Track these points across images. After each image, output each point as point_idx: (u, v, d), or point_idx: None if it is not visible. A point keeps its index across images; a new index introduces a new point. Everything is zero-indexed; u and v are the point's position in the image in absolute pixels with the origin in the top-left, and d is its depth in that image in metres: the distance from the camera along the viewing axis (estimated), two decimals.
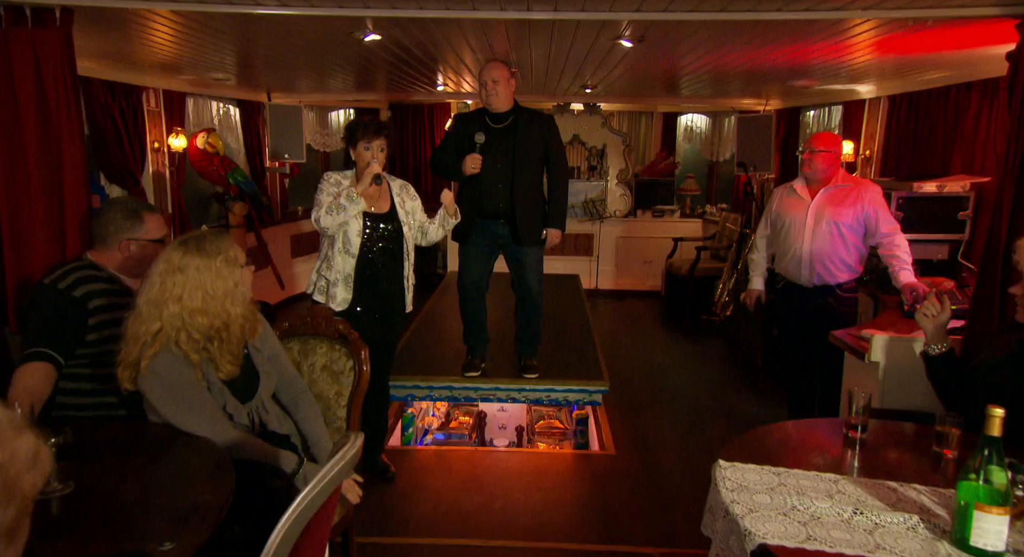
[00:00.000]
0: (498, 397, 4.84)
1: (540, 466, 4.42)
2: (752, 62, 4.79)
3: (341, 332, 2.94)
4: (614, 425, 5.12)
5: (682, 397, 5.73)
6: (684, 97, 8.07)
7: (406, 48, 4.28)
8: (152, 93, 6.11)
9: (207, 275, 2.33)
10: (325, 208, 3.44)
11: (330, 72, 6.02)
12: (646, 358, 6.78)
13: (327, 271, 3.60)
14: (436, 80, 6.19)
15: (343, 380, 2.91)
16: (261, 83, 7.04)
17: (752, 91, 7.31)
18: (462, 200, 4.26)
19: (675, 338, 7.54)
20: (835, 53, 4.24)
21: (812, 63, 4.79)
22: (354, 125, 3.61)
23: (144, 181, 6.06)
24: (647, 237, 9.06)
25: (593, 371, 4.90)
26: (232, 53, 4.76)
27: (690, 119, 9.68)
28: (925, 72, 5.01)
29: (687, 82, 6.58)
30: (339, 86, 7.19)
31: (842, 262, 4.04)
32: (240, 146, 7.60)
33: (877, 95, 5.88)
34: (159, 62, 5.24)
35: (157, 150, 6.16)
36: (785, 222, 4.19)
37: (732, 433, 4.91)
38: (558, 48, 4.11)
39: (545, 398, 4.87)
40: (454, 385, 4.76)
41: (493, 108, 4.11)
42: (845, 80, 5.57)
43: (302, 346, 2.97)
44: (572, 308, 6.45)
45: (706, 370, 6.45)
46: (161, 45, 4.42)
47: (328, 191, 3.52)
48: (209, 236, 2.40)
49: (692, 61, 4.75)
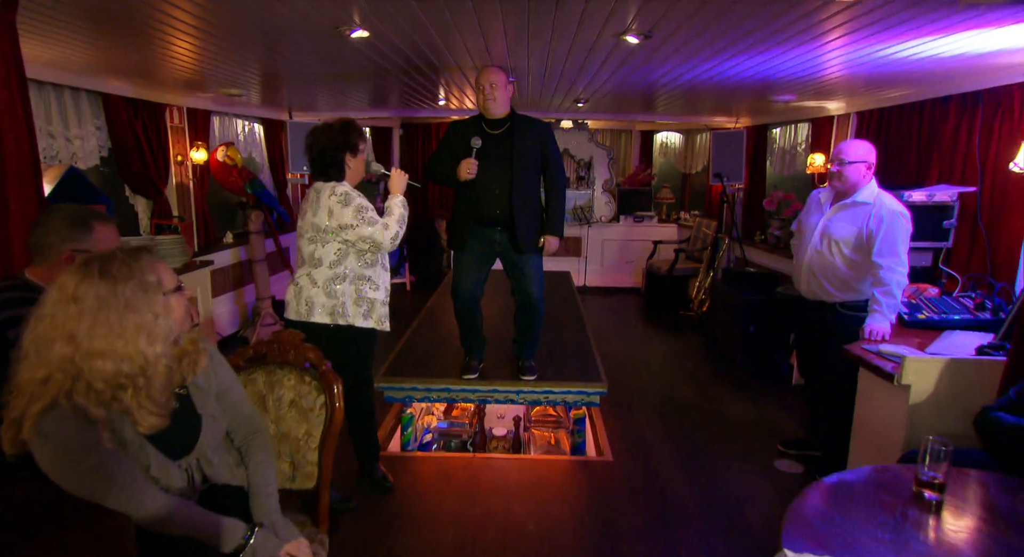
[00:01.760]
0: (496, 399, 3.92)
1: (539, 477, 3.50)
2: (745, 74, 3.84)
3: (312, 361, 2.02)
4: (608, 424, 4.22)
5: (670, 394, 4.82)
6: (660, 114, 7.15)
7: (401, 52, 3.33)
8: (176, 110, 5.18)
9: (112, 307, 1.43)
10: (396, 220, 2.67)
11: (342, 86, 5.09)
12: (633, 353, 5.87)
13: (373, 291, 2.76)
14: (437, 93, 5.23)
15: (313, 418, 1.99)
16: (283, 102, 6.12)
17: (724, 109, 6.40)
18: (458, 206, 3.35)
19: (657, 333, 6.64)
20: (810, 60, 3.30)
21: (790, 78, 3.86)
22: (350, 128, 2.67)
23: (168, 192, 5.13)
24: (629, 240, 8.27)
25: (591, 372, 3.96)
26: (245, 64, 3.82)
27: (665, 136, 8.89)
28: (894, 89, 4.08)
29: (663, 100, 5.65)
30: (355, 103, 6.26)
31: (839, 281, 3.10)
32: (264, 160, 6.70)
33: (847, 111, 4.92)
34: (182, 79, 4.32)
35: (180, 163, 5.23)
36: (802, 228, 3.28)
37: (723, 434, 4.04)
38: (558, 49, 3.16)
39: (543, 399, 3.94)
40: (452, 387, 3.83)
41: (491, 113, 3.23)
42: (818, 96, 4.62)
43: (268, 377, 2.05)
44: (567, 306, 5.51)
45: (689, 365, 5.54)
46: (181, 59, 3.53)
47: (370, 205, 2.66)
48: (120, 256, 1.48)
49: (686, 70, 3.80)
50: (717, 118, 7.11)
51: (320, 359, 2.01)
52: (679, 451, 3.78)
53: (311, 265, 2.70)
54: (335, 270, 2.68)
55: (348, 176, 2.69)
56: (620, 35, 2.76)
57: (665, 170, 9.03)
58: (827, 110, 5.10)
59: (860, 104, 4.68)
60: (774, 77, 3.86)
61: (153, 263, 1.52)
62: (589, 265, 8.31)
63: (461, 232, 3.32)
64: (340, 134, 2.64)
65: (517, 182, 3.24)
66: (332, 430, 1.95)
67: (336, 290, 2.69)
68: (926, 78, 3.63)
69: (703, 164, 8.20)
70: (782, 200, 5.82)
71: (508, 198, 3.27)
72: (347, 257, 2.67)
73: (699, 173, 8.41)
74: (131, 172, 4.72)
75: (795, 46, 2.91)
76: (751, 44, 2.93)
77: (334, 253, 2.66)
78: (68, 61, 3.61)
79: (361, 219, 2.58)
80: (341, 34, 2.76)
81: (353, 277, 2.70)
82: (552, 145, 3.40)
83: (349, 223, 2.58)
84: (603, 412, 4.36)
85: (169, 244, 4.59)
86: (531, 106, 6.64)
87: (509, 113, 3.28)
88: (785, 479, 3.44)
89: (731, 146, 6.73)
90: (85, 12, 2.52)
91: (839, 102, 4.78)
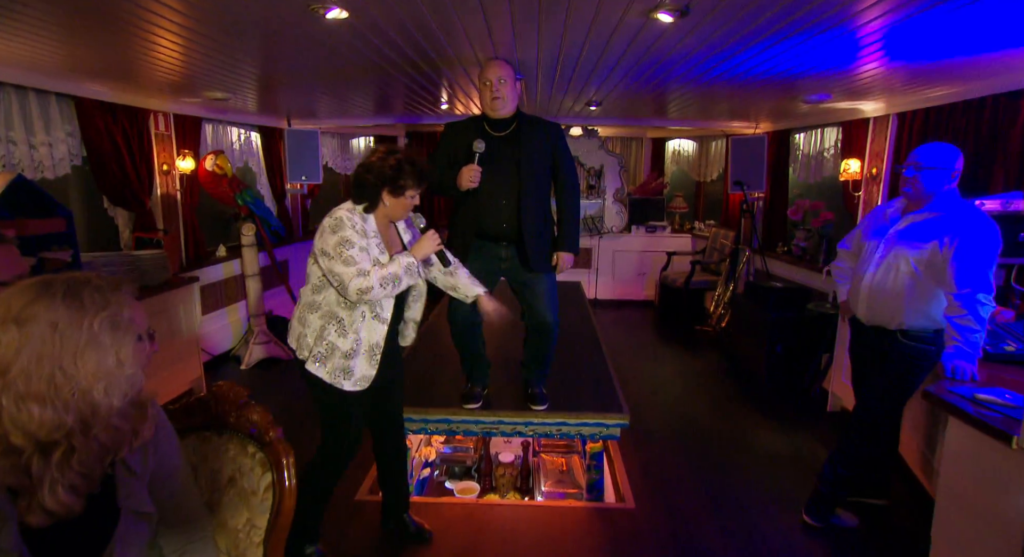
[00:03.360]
0: (502, 431, 3.34)
1: (552, 528, 2.92)
2: (779, 70, 3.29)
3: (257, 426, 1.48)
4: (628, 460, 3.65)
5: (691, 420, 4.23)
6: (673, 120, 6.59)
7: (389, 38, 2.81)
8: (161, 117, 4.68)
9: (69, 340, 1.06)
10: (382, 278, 2.08)
11: (341, 91, 4.58)
12: (647, 371, 5.30)
13: (339, 337, 2.16)
14: (439, 96, 4.69)
15: (255, 503, 1.44)
16: (281, 108, 5.62)
17: (742, 113, 5.85)
18: (457, 219, 2.80)
19: (673, 349, 6.05)
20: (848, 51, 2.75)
21: (827, 74, 3.31)
22: (405, 167, 2.14)
23: (152, 203, 4.63)
24: (641, 251, 7.69)
25: (610, 401, 3.35)
26: (228, 63, 3.33)
27: (678, 144, 8.34)
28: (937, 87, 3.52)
29: (677, 104, 5.11)
30: (358, 110, 5.74)
31: (907, 305, 2.52)
32: (261, 169, 6.19)
33: (885, 112, 4.34)
34: (164, 82, 3.82)
35: (166, 173, 4.73)
36: (864, 244, 2.73)
37: (756, 472, 3.42)
38: (574, 31, 2.63)
39: (555, 432, 3.36)
40: (452, 418, 3.27)
41: (496, 112, 2.69)
42: (853, 96, 4.05)
43: (200, 445, 1.50)
44: (580, 323, 4.89)
45: (710, 387, 4.95)
46: (161, 58, 3.06)
47: (359, 244, 2.10)
48: (97, 282, 1.13)
49: (716, 64, 3.25)
50: (735, 123, 6.55)
51: (267, 423, 1.47)
52: (708, 494, 3.21)
53: (306, 281, 2.29)
54: (314, 296, 2.22)
55: (380, 211, 2.20)
56: (651, 12, 2.21)
57: (677, 178, 8.50)
58: (861, 112, 4.53)
59: (901, 104, 4.11)
60: (810, 73, 3.32)
61: (131, 300, 1.16)
62: (600, 277, 7.75)
63: (461, 248, 2.79)
64: (392, 168, 2.14)
65: (526, 191, 2.71)
66: (281, 521, 1.40)
67: (307, 318, 2.23)
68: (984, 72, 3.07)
69: (718, 172, 7.65)
70: (808, 209, 5.25)
71: (516, 209, 2.74)
72: (328, 287, 2.19)
73: (714, 181, 7.86)
74: (110, 182, 4.22)
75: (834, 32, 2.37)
76: (795, 30, 2.41)
77: (318, 277, 2.20)
78: (34, 61, 3.13)
79: (339, 254, 2.08)
80: (315, 14, 2.23)
81: (326, 312, 2.19)
82: (564, 148, 2.86)
83: (328, 252, 2.11)
84: (621, 446, 3.79)
85: (150, 259, 4.10)
86: (538, 110, 6.10)
87: (515, 113, 2.76)
88: (838, 534, 2.86)
89: (751, 153, 6.16)
90: (51, 5, 2.11)
91: (876, 102, 4.22)
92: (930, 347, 2.55)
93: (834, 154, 5.23)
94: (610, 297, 7.74)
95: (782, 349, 4.82)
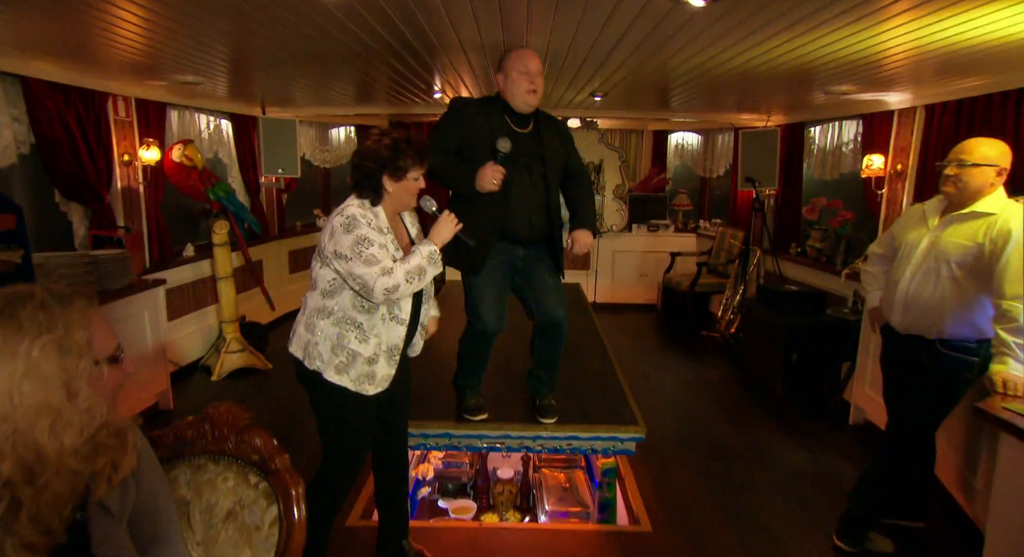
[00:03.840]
0: (508, 446, 3.27)
1: (561, 553, 2.88)
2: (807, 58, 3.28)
3: (260, 452, 1.41)
4: (639, 476, 3.62)
5: (705, 435, 4.23)
6: (676, 111, 6.59)
7: (389, 21, 2.74)
8: (122, 101, 4.55)
9: (3, 368, 0.95)
10: (407, 272, 2.10)
11: (321, 76, 4.48)
12: (653, 381, 5.28)
13: (360, 344, 2.18)
14: (432, 83, 4.62)
15: (258, 540, 1.37)
16: (255, 94, 5.50)
17: (752, 105, 5.85)
18: (471, 219, 2.70)
19: (679, 356, 6.05)
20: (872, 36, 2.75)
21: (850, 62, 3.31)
22: (403, 146, 2.11)
23: (112, 197, 4.50)
24: (643, 251, 7.70)
25: (622, 412, 3.28)
26: (203, 42, 3.22)
27: (681, 137, 8.35)
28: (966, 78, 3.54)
29: (681, 95, 5.09)
30: (338, 98, 5.64)
31: (948, 312, 2.52)
32: (233, 161, 6.07)
33: (912, 104, 4.37)
34: (127, 62, 3.69)
35: (128, 164, 4.60)
36: (900, 247, 2.72)
37: (779, 492, 3.41)
38: (592, 16, 2.58)
39: (566, 447, 3.29)
40: (453, 432, 3.19)
41: (529, 107, 2.61)
42: (878, 86, 4.06)
43: (194, 476, 1.43)
44: (584, 328, 4.80)
45: (722, 398, 4.95)
46: (123, 35, 2.94)
47: (378, 241, 2.10)
48: (42, 296, 1.02)
49: (741, 51, 3.23)
50: (744, 116, 6.57)
51: (272, 449, 1.40)
52: (730, 517, 3.19)
53: (312, 286, 2.25)
54: (325, 301, 2.18)
55: (386, 201, 2.19)
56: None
57: (681, 174, 8.51)
58: (885, 104, 4.56)
59: (929, 95, 4.13)
60: (835, 61, 3.31)
61: (88, 315, 1.05)
62: (599, 279, 7.74)
63: (482, 254, 2.72)
64: (388, 149, 2.12)
65: (552, 194, 2.74)
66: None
67: (316, 325, 2.18)
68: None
69: (725, 167, 7.68)
70: (825, 208, 5.27)
71: (546, 210, 2.73)
72: (341, 291, 2.17)
73: (720, 177, 7.88)
74: (62, 174, 4.08)
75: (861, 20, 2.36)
76: (828, 18, 2.40)
77: (328, 281, 2.17)
78: None
79: (357, 254, 2.06)
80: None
81: (340, 317, 2.17)
82: (573, 143, 2.90)
83: (344, 253, 2.08)
84: (632, 464, 3.76)
85: (110, 260, 3.98)
86: (538, 101, 6.05)
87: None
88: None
89: (762, 147, 6.18)
90: None
91: (902, 93, 4.24)
92: (973, 358, 2.54)
93: (853, 149, 5.26)
94: (609, 300, 7.73)
95: (798, 358, 4.83)
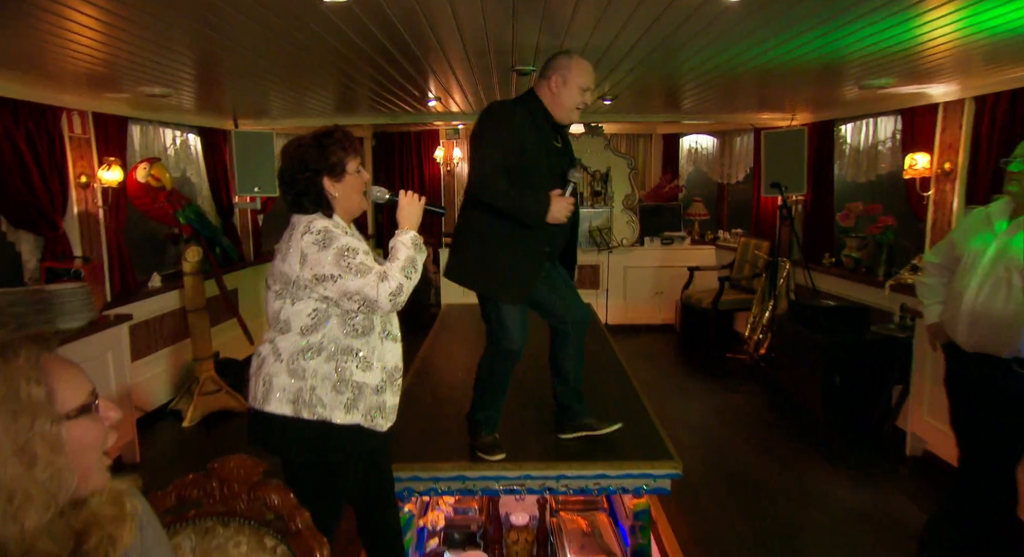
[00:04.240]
0: (529, 488, 3.11)
1: None
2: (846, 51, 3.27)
3: (278, 511, 1.30)
4: (675, 521, 3.50)
5: (741, 470, 4.12)
6: (688, 112, 6.60)
7: (388, 24, 2.68)
8: (78, 116, 4.45)
9: None
10: (402, 267, 2.04)
11: (300, 84, 4.42)
12: (680, 412, 5.17)
13: (363, 372, 2.12)
14: (428, 88, 4.56)
15: None
16: (225, 106, 5.44)
17: (774, 103, 5.85)
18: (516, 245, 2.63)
19: (704, 382, 5.97)
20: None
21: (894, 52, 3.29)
22: (326, 141, 2.07)
23: (68, 224, 4.37)
24: (657, 267, 7.65)
25: (654, 445, 3.10)
26: (171, 48, 3.14)
27: (695, 140, 8.38)
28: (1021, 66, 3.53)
29: (694, 95, 5.08)
30: (317, 107, 5.59)
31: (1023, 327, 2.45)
32: (202, 179, 5.99)
33: (959, 97, 4.35)
34: (83, 73, 3.61)
35: (85, 186, 4.49)
36: (962, 255, 2.65)
37: (832, 536, 3.29)
38: (614, 12, 2.55)
39: (593, 487, 3.13)
40: (468, 474, 3.03)
41: (569, 121, 2.65)
42: (920, 78, 4.05)
43: (200, 541, 1.30)
44: (600, 350, 4.66)
45: (756, 427, 4.85)
46: (78, 41, 2.84)
47: (361, 247, 2.07)
48: None
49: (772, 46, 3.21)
50: (764, 115, 6.57)
51: (292, 508, 1.29)
52: None
53: (277, 329, 2.11)
54: (308, 338, 2.06)
55: (337, 208, 2.12)
56: None
57: (695, 180, 8.52)
58: (928, 97, 4.54)
59: (979, 86, 4.11)
60: (873, 52, 3.30)
61: (44, 363, 0.96)
62: (610, 298, 7.66)
63: (533, 278, 2.69)
64: (313, 149, 2.07)
65: (576, 208, 2.72)
66: None
67: (305, 368, 2.06)
68: None
69: (745, 172, 7.66)
70: (863, 213, 5.25)
71: (571, 225, 2.74)
72: (326, 321, 2.07)
73: (740, 183, 7.87)
74: (10, 199, 3.93)
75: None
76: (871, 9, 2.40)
77: (308, 315, 2.06)
78: None
79: (346, 267, 1.99)
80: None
81: (334, 351, 2.08)
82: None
83: (328, 273, 1.99)
84: (663, 505, 3.64)
85: (69, 296, 3.84)
86: None
87: None
88: None
89: (787, 149, 6.15)
90: None
91: (947, 85, 4.23)
92: None
93: (891, 147, 5.24)
94: (622, 321, 7.64)
95: (841, 380, 4.76)
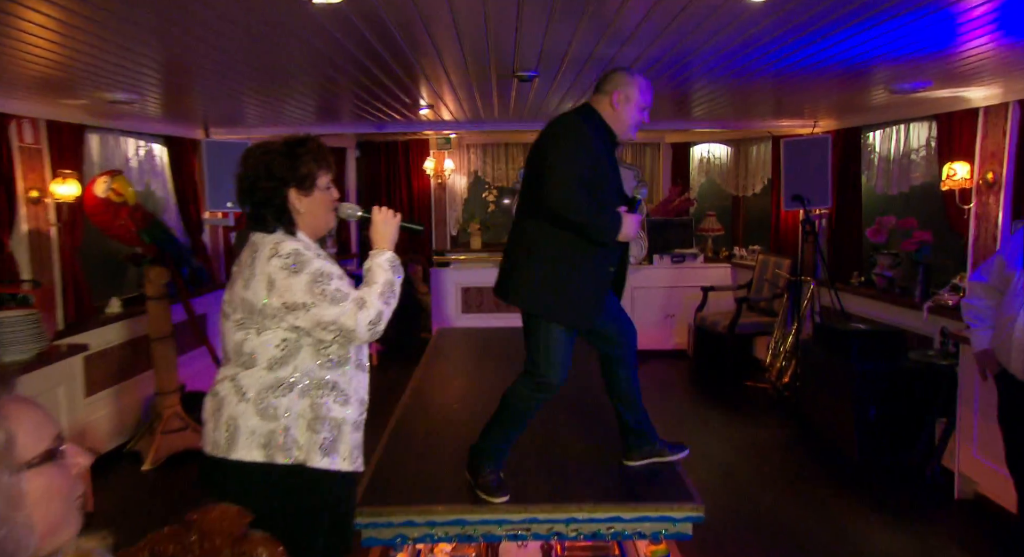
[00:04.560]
0: (535, 533, 2.95)
1: None
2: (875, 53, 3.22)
3: None
4: None
5: (770, 514, 4.02)
6: (698, 119, 6.55)
7: (381, 26, 2.58)
8: (28, 124, 4.34)
9: None
10: (379, 292, 2.02)
11: (278, 90, 4.32)
12: (697, 447, 4.97)
13: (342, 407, 2.08)
14: (419, 95, 4.45)
15: None
16: (195, 113, 5.34)
17: (793, 109, 5.80)
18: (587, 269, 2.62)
19: (722, 414, 5.86)
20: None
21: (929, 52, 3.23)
22: (298, 149, 2.02)
23: (15, 244, 4.23)
24: (667, 287, 7.60)
25: (674, 486, 2.97)
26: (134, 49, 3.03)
27: (706, 149, 8.36)
28: None
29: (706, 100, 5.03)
30: (297, 115, 5.51)
31: None
32: (170, 194, 5.90)
33: (1002, 100, 4.27)
34: (36, 77, 3.49)
35: (36, 201, 4.37)
36: (1011, 275, 2.61)
37: None
38: (630, 12, 2.51)
39: (606, 531, 2.96)
40: (468, 518, 2.86)
41: (625, 140, 2.77)
42: (958, 81, 3.97)
43: None
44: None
45: (782, 464, 4.75)
46: (36, 43, 2.75)
47: (336, 271, 2.02)
48: None
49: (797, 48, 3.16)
50: (783, 122, 6.50)
51: None
52: None
53: (239, 363, 2.02)
54: (277, 373, 2.00)
55: (302, 224, 2.05)
56: None
57: (708, 192, 8.51)
58: (966, 101, 4.45)
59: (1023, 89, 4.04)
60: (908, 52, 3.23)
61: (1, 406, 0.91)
62: None
63: (600, 300, 2.72)
64: (282, 157, 2.00)
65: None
66: None
67: (277, 406, 1.99)
68: None
69: (762, 183, 7.60)
70: (896, 228, 5.16)
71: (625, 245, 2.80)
72: (297, 353, 2.01)
73: (757, 195, 7.81)
74: None
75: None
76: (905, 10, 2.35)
77: (276, 346, 1.99)
78: None
79: (320, 294, 1.93)
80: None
81: (308, 385, 2.02)
82: None
83: (300, 301, 1.93)
84: (682, 545, 3.48)
85: (16, 324, 3.77)
86: (531, 115, 5.98)
87: None
88: None
89: (810, 158, 6.07)
90: None
91: (988, 88, 4.13)
92: None
93: (926, 156, 5.16)
94: None
95: (876, 413, 4.66)
